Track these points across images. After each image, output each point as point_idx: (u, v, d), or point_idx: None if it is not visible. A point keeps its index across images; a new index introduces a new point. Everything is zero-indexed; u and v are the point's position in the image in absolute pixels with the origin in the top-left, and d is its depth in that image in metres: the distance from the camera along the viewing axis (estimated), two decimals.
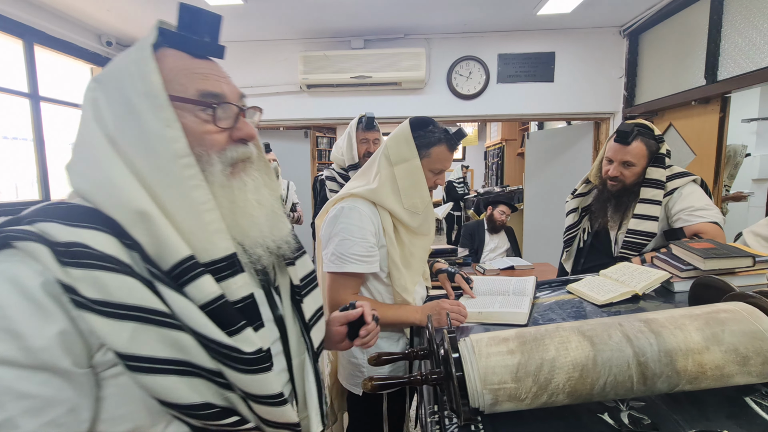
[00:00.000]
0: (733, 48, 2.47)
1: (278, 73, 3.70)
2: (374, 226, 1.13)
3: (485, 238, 3.18)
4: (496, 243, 3.17)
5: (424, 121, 1.15)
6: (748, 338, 0.59)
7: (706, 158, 2.70)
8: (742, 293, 0.67)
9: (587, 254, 1.70)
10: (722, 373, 0.59)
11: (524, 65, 3.62)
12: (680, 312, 0.64)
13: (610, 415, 0.64)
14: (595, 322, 0.66)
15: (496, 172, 8.75)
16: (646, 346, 0.60)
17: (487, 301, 1.16)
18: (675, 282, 1.07)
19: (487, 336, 0.68)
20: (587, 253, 1.70)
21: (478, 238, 3.18)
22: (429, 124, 1.15)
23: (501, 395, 0.62)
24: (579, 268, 1.70)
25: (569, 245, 1.79)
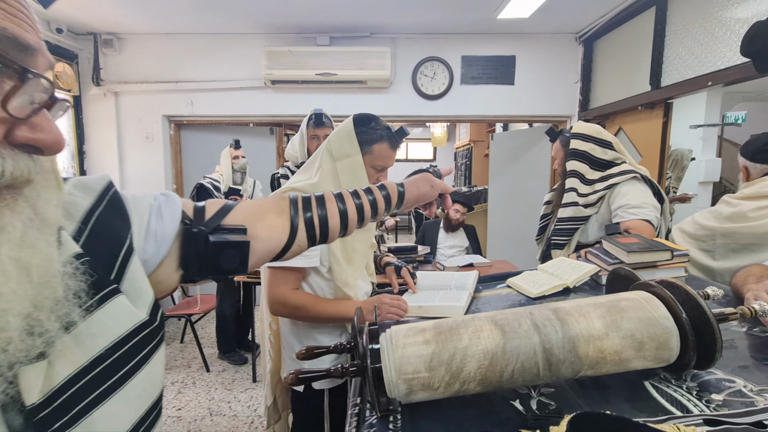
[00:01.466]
0: (675, 57, 2.61)
1: (241, 68, 3.62)
2: None
3: (438, 237, 3.22)
4: (453, 241, 3.21)
5: (367, 118, 1.15)
6: (643, 324, 0.62)
7: (652, 160, 2.84)
8: (645, 283, 0.71)
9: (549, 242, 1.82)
10: (620, 358, 0.62)
11: (486, 68, 3.70)
12: (587, 301, 0.67)
13: (521, 401, 0.66)
14: (509, 312, 0.68)
15: (465, 172, 8.92)
16: (552, 333, 0.63)
17: (428, 296, 1.18)
18: (602, 275, 1.12)
19: (406, 327, 0.68)
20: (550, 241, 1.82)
21: (430, 237, 3.22)
22: (372, 120, 1.15)
23: (415, 385, 0.63)
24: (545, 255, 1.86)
25: (542, 233, 1.92)
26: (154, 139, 3.67)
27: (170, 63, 3.59)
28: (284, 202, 0.65)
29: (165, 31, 3.53)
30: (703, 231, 1.44)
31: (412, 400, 0.64)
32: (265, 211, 0.63)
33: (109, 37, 3.50)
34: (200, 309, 2.91)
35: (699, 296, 0.63)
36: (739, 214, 1.38)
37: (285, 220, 0.63)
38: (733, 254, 1.37)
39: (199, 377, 2.71)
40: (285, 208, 0.64)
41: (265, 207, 0.64)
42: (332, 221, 0.66)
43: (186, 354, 3.07)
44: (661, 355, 0.62)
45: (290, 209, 0.64)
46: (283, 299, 1.09)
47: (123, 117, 3.64)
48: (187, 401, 2.42)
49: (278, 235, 0.62)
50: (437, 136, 8.52)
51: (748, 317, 0.67)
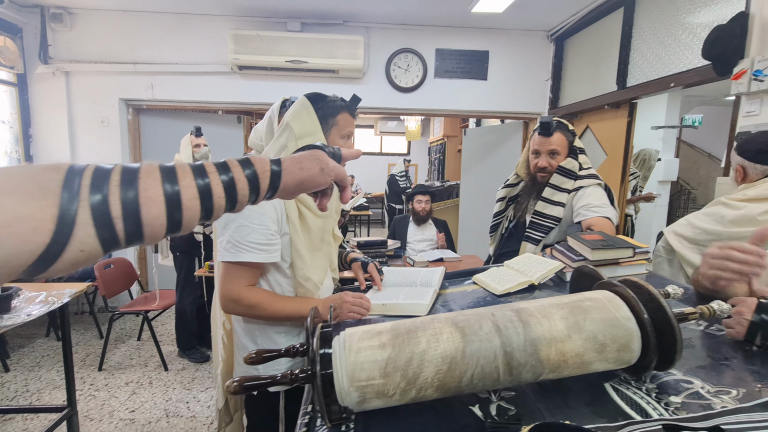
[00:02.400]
0: (640, 58, 2.67)
1: (206, 51, 3.44)
2: (277, 212, 1.06)
3: (408, 231, 3.21)
4: (423, 235, 3.20)
5: (319, 95, 1.14)
6: (606, 326, 0.60)
7: (616, 159, 2.92)
8: (608, 282, 0.69)
9: (506, 241, 1.79)
10: (582, 360, 0.60)
11: (460, 62, 3.68)
12: (550, 301, 0.65)
13: (480, 406, 0.63)
14: (470, 313, 0.65)
15: (438, 167, 8.96)
16: (514, 335, 0.60)
17: (393, 293, 1.14)
18: (567, 272, 1.11)
19: (362, 329, 0.64)
20: (506, 240, 1.79)
21: (401, 232, 3.21)
22: (325, 96, 1.14)
23: (368, 392, 0.58)
24: (498, 252, 1.80)
25: (494, 231, 1.89)
26: (110, 123, 3.44)
27: (128, 43, 3.37)
28: (53, 174, 0.36)
29: (121, 8, 3.30)
30: (706, 236, 1.40)
31: (365, 408, 0.60)
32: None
33: (59, 11, 3.23)
34: (159, 305, 2.77)
35: (661, 296, 0.61)
36: (746, 218, 1.32)
37: (47, 206, 0.35)
38: None
39: (157, 376, 2.58)
40: (51, 186, 0.35)
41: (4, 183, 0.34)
42: (148, 211, 0.39)
43: (143, 352, 2.92)
44: (622, 357, 0.61)
45: (62, 188, 0.36)
46: (237, 296, 1.02)
47: (75, 99, 3.40)
48: (142, 402, 2.30)
49: (23, 232, 0.33)
50: (411, 130, 8.50)
51: (707, 317, 0.66)
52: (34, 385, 2.47)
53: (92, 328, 3.28)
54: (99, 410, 2.23)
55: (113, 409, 2.24)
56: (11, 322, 1.46)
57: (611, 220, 1.42)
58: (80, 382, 2.49)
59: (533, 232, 1.56)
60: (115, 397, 2.36)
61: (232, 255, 1.01)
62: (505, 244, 1.79)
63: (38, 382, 2.49)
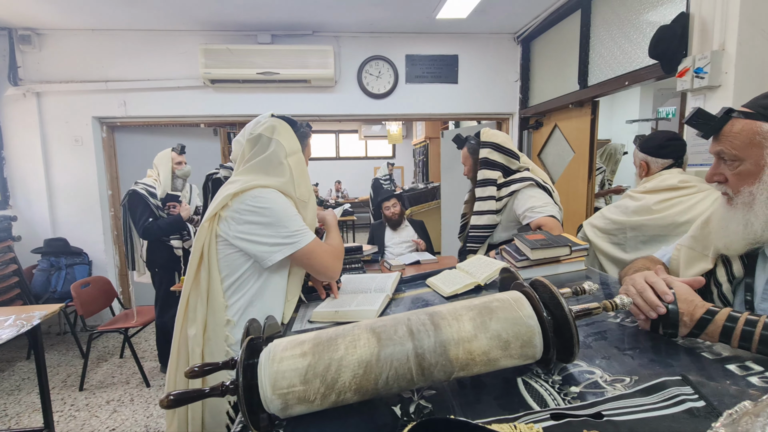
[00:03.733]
0: (599, 58, 2.76)
1: (177, 66, 3.46)
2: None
3: (385, 236, 3.25)
4: (401, 237, 3.25)
5: (291, 119, 1.26)
6: (509, 324, 0.65)
7: (583, 155, 3.00)
8: (520, 282, 0.74)
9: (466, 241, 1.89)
10: (489, 358, 0.64)
11: (430, 67, 3.75)
12: (462, 303, 0.70)
13: (401, 406, 0.67)
14: (389, 318, 0.69)
15: (422, 168, 9.04)
16: (425, 338, 0.64)
17: (346, 300, 1.18)
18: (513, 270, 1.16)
19: (287, 340, 0.68)
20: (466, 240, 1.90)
21: (378, 237, 3.25)
22: (296, 122, 1.27)
23: (290, 399, 0.62)
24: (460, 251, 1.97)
25: (462, 231, 1.99)
26: (83, 142, 3.44)
27: (98, 61, 3.38)
28: None
29: (90, 27, 3.31)
30: (613, 225, 1.53)
31: (290, 415, 0.64)
32: None
33: (27, 32, 3.23)
34: (137, 322, 2.77)
35: (560, 295, 0.66)
36: (644, 208, 1.47)
37: None
38: (643, 246, 1.47)
39: (138, 393, 2.58)
40: None
41: None
42: None
43: (125, 370, 2.91)
44: (526, 352, 0.65)
45: None
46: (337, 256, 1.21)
47: (47, 119, 3.39)
48: (123, 420, 2.30)
49: None
50: (393, 134, 8.57)
51: (610, 311, 0.71)
52: (13, 408, 2.46)
53: (74, 348, 3.26)
54: (79, 430, 2.23)
55: (93, 428, 2.24)
56: None
57: (555, 217, 1.49)
58: (60, 403, 2.49)
59: (472, 244, 1.68)
60: (95, 416, 2.36)
61: (301, 240, 1.12)
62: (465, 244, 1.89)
63: (18, 406, 2.48)
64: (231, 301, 1.13)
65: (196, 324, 1.12)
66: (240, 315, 1.14)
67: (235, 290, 1.14)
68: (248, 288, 1.14)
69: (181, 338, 1.17)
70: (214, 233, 1.13)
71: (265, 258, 1.11)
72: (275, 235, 1.11)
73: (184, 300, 1.15)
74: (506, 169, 1.71)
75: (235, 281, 1.13)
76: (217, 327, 1.12)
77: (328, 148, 10.56)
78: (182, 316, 1.16)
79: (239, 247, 1.12)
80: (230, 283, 1.13)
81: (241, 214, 1.11)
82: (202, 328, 1.12)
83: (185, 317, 1.16)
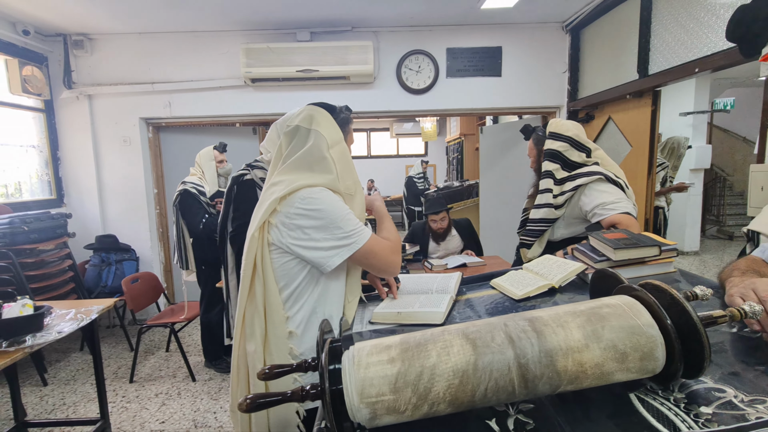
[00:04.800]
0: (662, 44, 2.57)
1: (220, 67, 3.52)
2: None
3: (429, 246, 3.06)
4: (445, 250, 3.08)
5: (330, 105, 1.18)
6: (626, 334, 0.57)
7: (641, 150, 2.81)
8: (628, 286, 0.66)
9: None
10: (602, 371, 0.57)
11: (472, 59, 3.64)
12: (565, 309, 0.62)
13: (497, 420, 0.61)
14: (482, 323, 0.63)
15: (456, 166, 8.88)
16: (528, 346, 0.57)
17: (408, 301, 1.12)
18: (589, 273, 1.07)
19: (371, 344, 0.63)
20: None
21: (421, 239, 3.07)
22: (335, 106, 1.18)
23: (379, 409, 0.57)
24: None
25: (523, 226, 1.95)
26: (131, 142, 3.57)
27: (145, 63, 3.49)
28: None
29: (137, 31, 3.42)
30: None
31: (377, 425, 0.59)
32: None
33: (80, 38, 3.38)
34: (185, 317, 2.84)
35: (684, 299, 0.57)
36: None
37: None
38: None
39: (185, 387, 2.64)
40: None
41: None
42: None
43: (171, 363, 2.99)
44: (646, 366, 0.57)
45: None
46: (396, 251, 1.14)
47: (98, 120, 3.54)
48: (171, 413, 2.36)
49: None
50: (427, 131, 8.46)
51: (738, 320, 0.62)
52: (70, 398, 2.57)
53: (123, 341, 3.39)
54: (131, 422, 2.29)
55: (144, 420, 2.30)
56: (43, 339, 1.52)
57: (631, 215, 1.37)
58: (113, 395, 2.58)
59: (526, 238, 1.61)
60: (145, 408, 2.42)
61: (359, 239, 1.05)
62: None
63: (74, 395, 2.59)
64: (291, 312, 1.07)
65: (255, 339, 1.06)
66: (304, 326, 1.08)
67: (295, 300, 1.08)
68: (308, 296, 1.08)
69: (240, 354, 1.12)
70: (265, 242, 1.05)
71: (324, 263, 1.04)
72: (331, 238, 1.03)
73: (240, 314, 1.09)
74: (563, 158, 1.60)
75: (294, 291, 1.07)
76: (279, 341, 1.06)
77: (360, 147, 10.58)
78: (239, 331, 1.10)
79: (295, 254, 1.05)
80: (289, 294, 1.07)
81: (291, 218, 1.03)
82: (261, 343, 1.06)
83: (242, 333, 1.10)
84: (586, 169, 1.58)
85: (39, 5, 2.87)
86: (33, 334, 1.52)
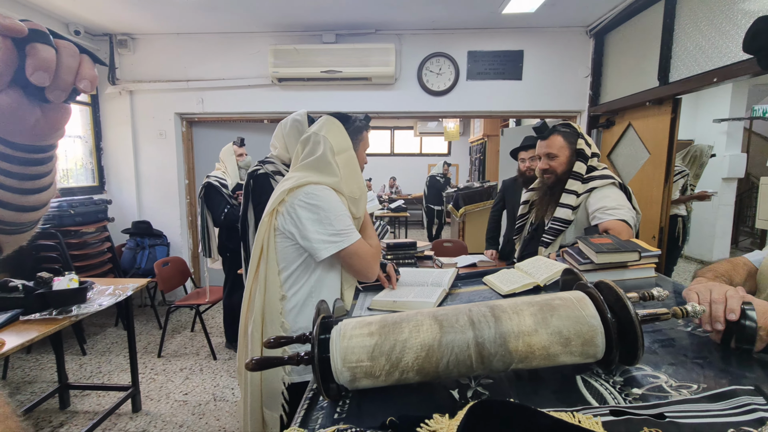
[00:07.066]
0: (683, 51, 2.55)
1: (249, 66, 3.71)
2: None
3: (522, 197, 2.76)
4: None
5: (346, 116, 1.30)
6: (571, 322, 0.66)
7: (659, 157, 2.79)
8: (583, 283, 0.74)
9: (528, 243, 1.83)
10: (548, 353, 0.66)
11: (493, 63, 3.68)
12: (523, 299, 0.72)
13: (459, 391, 0.71)
14: (450, 308, 0.73)
15: (479, 167, 8.86)
16: (486, 329, 0.67)
17: (404, 292, 1.23)
18: None
19: (356, 320, 0.74)
20: (528, 242, 1.83)
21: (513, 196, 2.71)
22: (350, 116, 1.31)
23: (358, 372, 0.68)
24: (521, 255, 1.85)
25: (519, 233, 1.93)
26: (167, 136, 3.81)
27: (181, 62, 3.72)
28: None
29: (176, 31, 3.65)
30: None
31: (357, 387, 0.70)
32: None
33: (124, 37, 3.64)
34: (208, 300, 3.04)
35: (626, 298, 0.66)
36: None
37: None
38: None
39: (207, 364, 2.85)
40: None
41: None
42: None
43: (195, 342, 3.21)
44: (587, 351, 0.66)
45: None
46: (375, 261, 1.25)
47: (137, 115, 3.80)
48: (194, 387, 2.56)
49: None
50: (450, 131, 8.48)
51: (680, 317, 0.70)
52: (106, 367, 2.82)
53: (153, 320, 3.65)
54: (158, 392, 2.51)
55: (170, 391, 2.51)
56: (86, 310, 1.72)
57: (628, 223, 1.42)
58: (142, 367, 2.81)
59: (546, 236, 1.60)
60: (171, 381, 2.64)
61: (347, 239, 1.18)
62: (526, 247, 1.83)
63: (108, 365, 2.84)
64: (290, 293, 1.22)
65: (254, 312, 1.22)
66: (299, 307, 1.23)
67: (293, 282, 1.22)
68: (305, 281, 1.22)
69: (245, 326, 1.30)
70: (272, 227, 1.21)
71: (314, 253, 1.18)
72: (322, 232, 1.17)
73: (247, 292, 1.27)
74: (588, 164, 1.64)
75: (292, 273, 1.22)
76: (273, 315, 1.21)
77: (383, 144, 10.68)
78: (246, 306, 1.28)
79: (294, 240, 1.20)
80: (287, 275, 1.22)
81: (294, 208, 1.18)
82: (260, 316, 1.22)
83: (248, 307, 1.27)
84: (598, 173, 1.60)
85: (91, 9, 3.12)
86: (78, 305, 1.72)
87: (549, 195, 1.65)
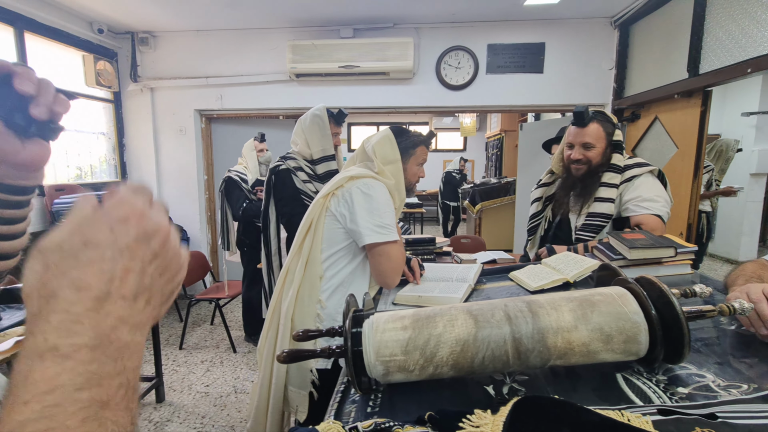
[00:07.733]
0: (714, 42, 2.46)
1: (267, 62, 3.73)
2: None
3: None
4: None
5: (402, 130, 1.36)
6: (612, 318, 0.64)
7: (688, 151, 2.70)
8: (623, 279, 0.72)
9: (550, 242, 1.75)
10: (588, 349, 0.64)
11: (514, 56, 3.61)
12: (561, 295, 0.70)
13: (494, 387, 0.70)
14: (485, 303, 0.72)
15: (495, 163, 8.74)
16: (523, 324, 0.66)
17: (429, 287, 1.22)
18: None
19: (388, 314, 0.73)
20: (550, 241, 1.75)
21: None
22: (407, 131, 1.37)
23: (392, 366, 0.68)
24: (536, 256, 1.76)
25: (533, 233, 1.85)
26: (187, 132, 3.87)
27: (200, 59, 3.76)
28: None
29: (196, 28, 3.69)
30: None
31: (390, 381, 0.70)
32: None
33: (145, 35, 3.70)
34: (228, 294, 3.08)
35: (671, 294, 0.63)
36: None
37: None
38: None
39: (227, 357, 2.89)
40: None
41: None
42: None
43: (215, 335, 3.27)
44: (629, 348, 0.64)
45: None
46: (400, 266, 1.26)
47: (158, 111, 3.86)
48: (215, 379, 2.60)
49: None
50: (466, 126, 8.39)
51: (727, 315, 0.67)
52: None
53: (174, 313, 3.72)
54: (180, 383, 2.56)
55: (191, 382, 2.56)
56: None
57: (661, 218, 1.36)
58: (165, 359, 2.87)
59: (585, 233, 1.50)
60: (192, 372, 2.69)
61: (387, 236, 1.21)
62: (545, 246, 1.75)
63: None
64: (328, 274, 1.26)
65: (293, 285, 1.26)
66: (331, 291, 1.25)
67: (332, 264, 1.26)
68: (343, 266, 1.26)
69: (276, 303, 1.33)
70: (325, 208, 1.28)
71: (358, 238, 1.23)
72: (370, 221, 1.21)
73: (286, 266, 1.31)
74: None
75: (333, 255, 1.26)
76: (313, 290, 1.25)
77: None
78: (282, 280, 1.32)
79: (342, 224, 1.25)
80: (328, 255, 1.26)
81: (350, 193, 1.24)
82: (296, 291, 1.26)
83: (284, 281, 1.31)
84: (635, 161, 1.52)
85: (114, 7, 3.18)
86: None
87: (580, 188, 1.54)
